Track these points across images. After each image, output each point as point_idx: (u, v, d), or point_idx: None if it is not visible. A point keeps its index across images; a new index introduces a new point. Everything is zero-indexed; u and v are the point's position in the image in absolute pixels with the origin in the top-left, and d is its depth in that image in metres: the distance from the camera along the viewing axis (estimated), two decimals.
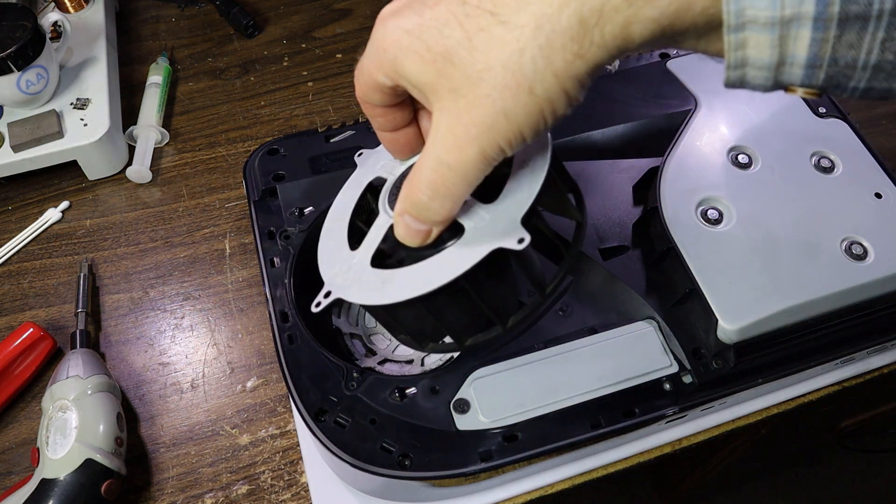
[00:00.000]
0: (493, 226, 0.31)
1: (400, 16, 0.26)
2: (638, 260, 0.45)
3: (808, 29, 0.20)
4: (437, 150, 0.27)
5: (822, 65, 0.21)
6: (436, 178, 0.27)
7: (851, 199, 0.43)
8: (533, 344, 0.42)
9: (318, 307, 0.35)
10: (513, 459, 0.38)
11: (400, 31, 0.26)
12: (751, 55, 0.22)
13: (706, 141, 0.46)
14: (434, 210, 0.29)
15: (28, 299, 0.57)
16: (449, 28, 0.24)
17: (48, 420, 0.45)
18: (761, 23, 0.21)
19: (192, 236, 0.61)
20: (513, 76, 0.24)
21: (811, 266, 0.40)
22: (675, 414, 0.41)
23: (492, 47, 0.24)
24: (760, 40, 0.21)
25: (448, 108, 0.25)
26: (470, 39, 0.24)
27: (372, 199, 0.38)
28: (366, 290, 0.33)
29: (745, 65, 0.22)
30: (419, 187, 0.28)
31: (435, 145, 0.27)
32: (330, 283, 0.35)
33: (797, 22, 0.20)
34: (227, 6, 0.76)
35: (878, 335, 0.45)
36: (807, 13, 0.20)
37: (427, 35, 0.25)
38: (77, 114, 0.62)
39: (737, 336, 0.39)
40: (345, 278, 0.34)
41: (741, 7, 0.21)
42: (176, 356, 0.54)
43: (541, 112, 0.24)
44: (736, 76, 0.23)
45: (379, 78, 0.28)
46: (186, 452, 0.50)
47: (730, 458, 0.94)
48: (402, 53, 0.26)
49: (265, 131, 0.68)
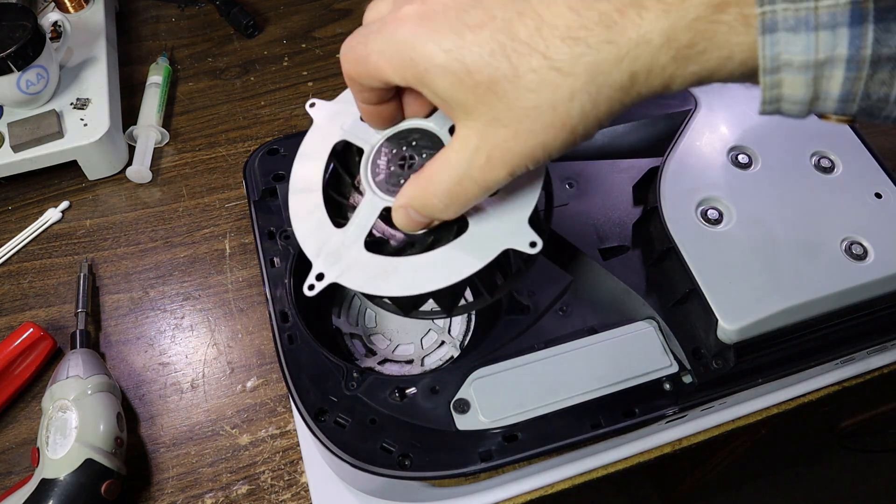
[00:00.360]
0: (500, 224, 0.31)
1: (433, 28, 0.26)
2: (638, 260, 0.45)
3: (842, 70, 0.21)
4: (464, 166, 0.27)
5: (854, 99, 0.22)
6: (457, 190, 0.28)
7: (851, 199, 0.43)
8: (533, 344, 0.42)
9: (311, 290, 0.33)
10: (513, 459, 0.38)
11: (435, 47, 0.25)
12: (786, 93, 0.23)
13: (706, 141, 0.46)
14: (445, 214, 0.30)
15: (28, 299, 0.57)
16: (495, 59, 0.25)
17: (48, 420, 0.45)
18: (796, 66, 0.22)
19: (192, 236, 0.61)
20: (560, 118, 0.25)
21: (811, 266, 0.40)
22: (675, 414, 0.41)
23: (543, 89, 0.24)
24: (795, 80, 0.22)
25: (485, 132, 0.26)
26: (518, 76, 0.24)
27: (343, 170, 0.37)
28: (366, 277, 0.32)
29: (780, 100, 0.23)
30: (435, 194, 0.29)
31: (462, 161, 0.27)
32: (322, 265, 0.33)
33: (830, 64, 0.21)
34: (227, 6, 0.76)
35: (878, 335, 0.44)
36: (840, 56, 0.21)
37: (469, 59, 0.25)
38: (77, 114, 0.62)
39: (737, 336, 0.39)
40: (337, 260, 0.33)
41: (776, 52, 0.22)
42: (176, 356, 0.54)
43: (574, 143, 0.26)
44: (771, 109, 0.24)
45: (390, 76, 0.27)
46: (186, 452, 0.50)
47: (730, 458, 0.94)
48: (436, 71, 0.26)
49: (265, 131, 0.68)
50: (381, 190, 0.33)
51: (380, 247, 0.34)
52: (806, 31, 0.21)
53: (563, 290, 0.44)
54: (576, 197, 0.47)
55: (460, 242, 0.32)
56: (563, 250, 0.45)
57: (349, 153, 0.37)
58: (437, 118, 0.33)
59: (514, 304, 0.44)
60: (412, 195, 0.30)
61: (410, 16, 0.26)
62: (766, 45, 0.22)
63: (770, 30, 0.21)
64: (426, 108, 0.33)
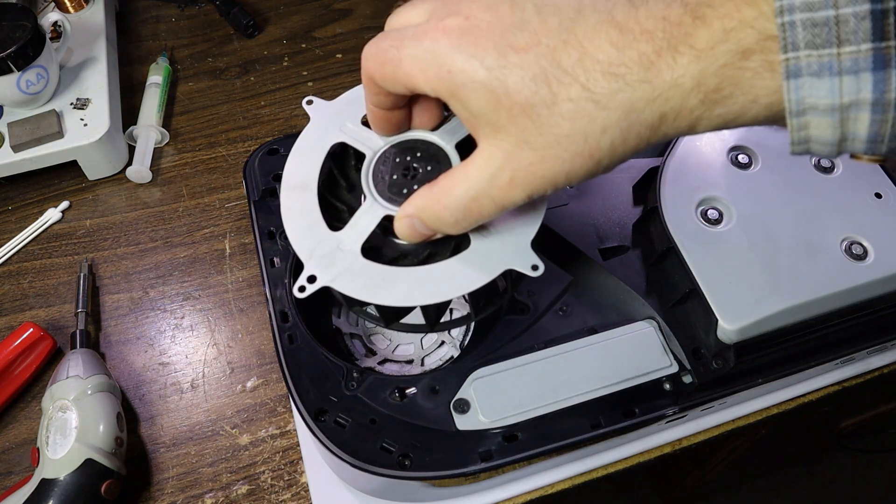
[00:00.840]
0: (503, 244, 0.32)
1: (477, 45, 0.26)
2: (638, 260, 0.45)
3: (867, 112, 0.22)
4: (484, 183, 0.28)
5: (883, 140, 0.22)
6: (472, 206, 0.28)
7: (851, 199, 0.43)
8: (533, 344, 0.42)
9: (302, 292, 0.32)
10: (513, 459, 0.38)
11: (477, 64, 0.26)
12: (813, 134, 0.23)
13: (706, 141, 0.46)
14: (453, 228, 0.30)
15: (28, 299, 0.57)
16: (536, 83, 0.25)
17: (48, 420, 0.45)
18: (821, 109, 0.22)
19: (192, 236, 0.61)
20: (589, 148, 0.25)
21: (811, 266, 0.40)
22: (675, 414, 0.41)
23: (578, 118, 0.25)
24: (822, 123, 0.23)
25: (511, 153, 0.26)
26: (555, 103, 0.25)
27: (339, 172, 0.36)
28: (361, 284, 0.32)
29: (809, 141, 0.23)
30: (448, 206, 0.29)
31: (483, 178, 0.28)
32: (314, 268, 0.32)
33: (856, 107, 0.22)
34: (227, 6, 0.76)
35: (878, 335, 0.45)
36: (865, 99, 0.22)
37: (511, 80, 0.25)
38: (77, 114, 0.62)
39: (737, 336, 0.39)
40: (331, 264, 0.32)
41: (801, 96, 0.22)
42: (176, 356, 0.54)
43: (594, 174, 0.27)
44: (801, 149, 0.24)
45: (419, 84, 0.27)
46: (186, 452, 0.50)
47: (730, 458, 0.94)
48: (474, 86, 0.26)
49: (265, 131, 0.68)
50: (383, 198, 0.33)
51: (373, 255, 0.33)
52: (829, 76, 0.22)
53: (563, 290, 0.44)
54: (576, 197, 0.47)
55: (462, 258, 0.32)
56: (563, 250, 0.45)
57: (346, 157, 0.36)
58: (443, 132, 0.33)
59: (514, 304, 0.44)
60: (422, 206, 0.30)
61: (454, 28, 0.26)
62: (791, 90, 0.22)
63: (794, 75, 0.22)
64: (434, 121, 0.33)
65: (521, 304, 0.44)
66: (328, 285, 0.32)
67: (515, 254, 0.31)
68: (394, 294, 0.31)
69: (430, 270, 0.32)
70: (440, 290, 0.31)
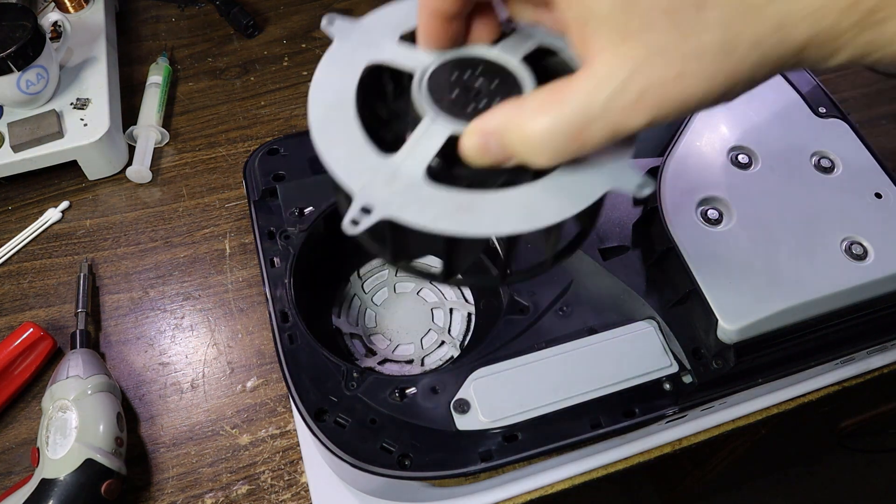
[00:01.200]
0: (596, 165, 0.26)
1: None
2: (638, 260, 0.45)
3: None
4: (601, 102, 0.22)
5: None
6: (579, 131, 0.23)
7: (851, 199, 0.43)
8: (533, 344, 0.42)
9: (356, 226, 0.26)
10: (513, 459, 0.38)
11: None
12: None
13: (706, 141, 0.46)
14: (541, 157, 0.24)
15: (28, 299, 0.57)
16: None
17: (48, 420, 0.45)
18: None
19: (192, 236, 0.61)
20: (732, 66, 0.22)
21: (811, 266, 0.40)
22: (675, 414, 0.41)
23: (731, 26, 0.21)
24: None
25: (641, 64, 0.22)
26: (705, 5, 0.21)
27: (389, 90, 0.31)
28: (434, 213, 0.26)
29: None
30: (546, 127, 0.23)
31: (600, 95, 0.22)
32: (368, 197, 0.26)
33: None
34: (227, 6, 0.76)
35: (878, 335, 0.45)
36: None
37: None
38: (77, 114, 0.62)
39: (737, 336, 0.39)
40: (391, 193, 0.26)
41: None
42: (176, 356, 0.54)
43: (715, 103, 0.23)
44: None
45: None
46: (186, 452, 0.50)
47: (730, 458, 0.94)
48: None
49: (265, 131, 0.68)
50: (446, 111, 0.27)
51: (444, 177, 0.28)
52: None
53: (563, 290, 0.44)
54: None
55: (549, 182, 0.27)
56: None
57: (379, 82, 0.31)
58: (504, 46, 0.29)
59: (514, 304, 0.44)
60: (506, 122, 0.24)
61: None
62: None
63: None
64: (494, 34, 0.29)
65: (521, 304, 0.44)
66: (389, 217, 0.26)
67: (617, 173, 0.26)
68: (483, 222, 0.25)
69: (518, 196, 0.26)
70: (541, 214, 0.26)
